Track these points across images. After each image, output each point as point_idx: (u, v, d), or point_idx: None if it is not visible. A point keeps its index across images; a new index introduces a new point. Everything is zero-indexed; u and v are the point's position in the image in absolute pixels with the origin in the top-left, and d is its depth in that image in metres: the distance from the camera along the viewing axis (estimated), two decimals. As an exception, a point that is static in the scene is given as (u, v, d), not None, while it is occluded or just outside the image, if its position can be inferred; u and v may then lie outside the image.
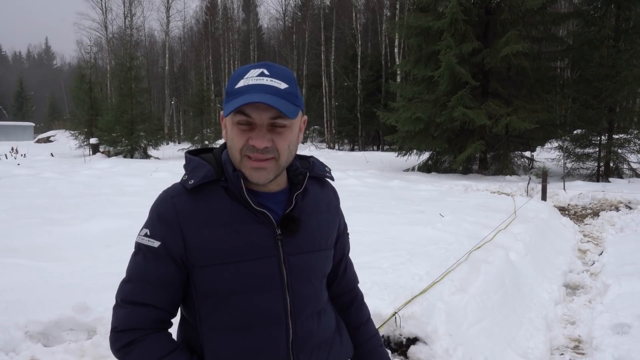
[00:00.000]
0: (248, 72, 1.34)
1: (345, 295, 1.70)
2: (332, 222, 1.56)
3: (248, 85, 1.31)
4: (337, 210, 1.61)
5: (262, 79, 1.32)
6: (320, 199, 1.53)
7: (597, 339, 4.23)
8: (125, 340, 1.35)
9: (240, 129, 1.33)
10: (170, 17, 50.35)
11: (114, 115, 26.43)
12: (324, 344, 1.48)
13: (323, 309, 1.51)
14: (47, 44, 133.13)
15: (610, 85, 16.21)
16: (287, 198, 1.44)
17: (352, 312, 1.70)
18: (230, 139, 1.36)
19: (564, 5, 24.45)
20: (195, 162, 1.42)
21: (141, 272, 1.37)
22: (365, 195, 11.21)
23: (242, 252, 1.34)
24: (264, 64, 1.37)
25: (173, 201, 1.37)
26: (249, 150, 1.32)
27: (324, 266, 1.52)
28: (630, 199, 11.83)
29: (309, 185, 1.50)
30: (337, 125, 41.17)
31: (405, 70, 24.99)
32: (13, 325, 3.40)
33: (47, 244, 5.77)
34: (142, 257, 1.38)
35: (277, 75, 1.34)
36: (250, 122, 1.31)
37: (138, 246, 1.39)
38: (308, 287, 1.44)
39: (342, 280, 1.69)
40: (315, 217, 1.48)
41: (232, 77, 1.37)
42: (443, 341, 3.62)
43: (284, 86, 1.33)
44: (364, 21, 45.40)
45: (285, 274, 1.38)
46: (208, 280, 1.35)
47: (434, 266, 4.80)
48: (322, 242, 1.49)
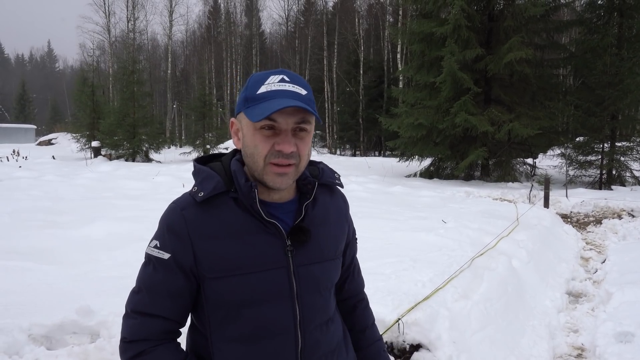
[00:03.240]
0: (268, 78, 1.35)
1: (352, 298, 1.71)
2: (341, 231, 1.56)
3: (272, 91, 1.32)
4: (346, 217, 1.60)
5: (285, 85, 1.33)
6: (330, 208, 1.53)
7: (600, 347, 4.21)
8: (134, 351, 1.36)
9: (264, 135, 1.33)
10: (173, 21, 50.44)
11: (116, 118, 26.47)
12: (331, 354, 1.48)
13: (331, 319, 1.51)
14: (49, 46, 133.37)
15: (613, 93, 16.20)
16: (297, 208, 1.44)
17: (358, 314, 1.71)
18: (253, 145, 1.34)
19: (566, 12, 24.45)
20: (204, 173, 1.40)
21: (151, 283, 1.38)
22: (367, 201, 11.19)
23: (252, 263, 1.34)
24: (282, 71, 1.37)
25: (183, 213, 1.36)
26: (275, 156, 1.32)
27: (332, 276, 1.51)
28: (633, 207, 11.81)
29: (318, 194, 1.49)
30: (339, 131, 41.22)
31: (408, 76, 24.97)
32: (16, 328, 3.39)
33: (49, 246, 5.77)
34: (152, 268, 1.38)
35: (297, 82, 1.36)
36: (275, 127, 1.32)
37: (148, 257, 1.40)
38: (317, 297, 1.44)
39: (351, 284, 1.69)
40: (324, 227, 1.48)
41: (250, 83, 1.37)
42: (446, 348, 3.61)
43: (305, 92, 1.35)
44: (367, 27, 45.45)
45: (295, 285, 1.38)
46: (218, 291, 1.35)
47: (437, 273, 4.78)
48: (331, 252, 1.49)
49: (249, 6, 56.50)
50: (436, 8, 19.34)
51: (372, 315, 1.77)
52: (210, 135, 30.51)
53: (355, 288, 1.71)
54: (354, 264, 1.70)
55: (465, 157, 17.86)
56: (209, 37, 55.66)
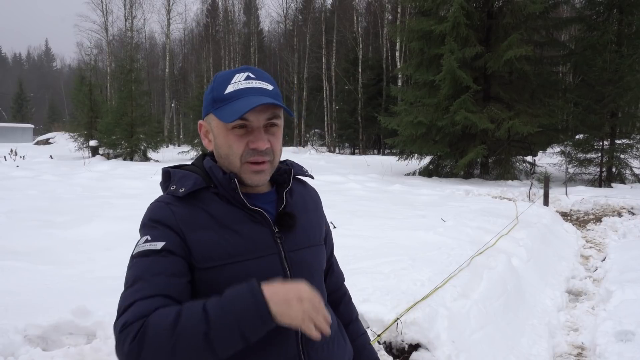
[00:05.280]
0: (234, 77, 1.36)
1: (334, 293, 1.71)
2: (320, 218, 1.60)
3: (239, 90, 1.33)
4: (321, 208, 1.65)
5: (251, 82, 1.35)
6: (306, 197, 1.57)
7: (601, 346, 4.19)
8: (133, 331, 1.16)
9: (237, 134, 1.34)
10: (171, 19, 50.36)
11: (114, 117, 26.44)
12: (331, 340, 1.48)
13: (326, 304, 1.52)
14: (47, 45, 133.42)
15: (613, 90, 16.18)
16: (277, 197, 1.46)
17: (341, 309, 1.71)
18: (227, 146, 1.35)
19: (566, 10, 24.42)
20: (180, 173, 1.41)
21: (147, 270, 1.25)
22: (366, 200, 11.17)
23: (244, 251, 1.34)
24: (246, 68, 1.39)
25: (169, 207, 1.34)
26: (250, 154, 1.33)
27: (322, 261, 1.54)
28: (633, 205, 11.78)
29: (293, 185, 1.52)
30: (338, 129, 41.18)
31: (407, 75, 24.96)
32: (12, 329, 3.36)
33: (46, 246, 5.74)
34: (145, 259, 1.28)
35: (262, 77, 1.37)
36: (247, 125, 1.32)
37: (140, 254, 1.29)
38: (311, 282, 1.39)
39: (332, 277, 1.71)
40: (305, 214, 1.51)
41: (215, 83, 1.38)
42: (445, 347, 3.59)
43: (271, 87, 1.37)
44: (365, 24, 45.43)
45: (288, 271, 1.39)
46: (211, 282, 1.31)
47: (436, 271, 4.75)
48: (316, 238, 1.52)
49: (247, 4, 56.41)
50: (435, 6, 19.30)
51: (355, 309, 1.78)
52: (209, 133, 30.43)
53: (337, 282, 1.74)
54: (332, 256, 1.73)
55: (465, 155, 17.85)
56: (207, 36, 55.58)
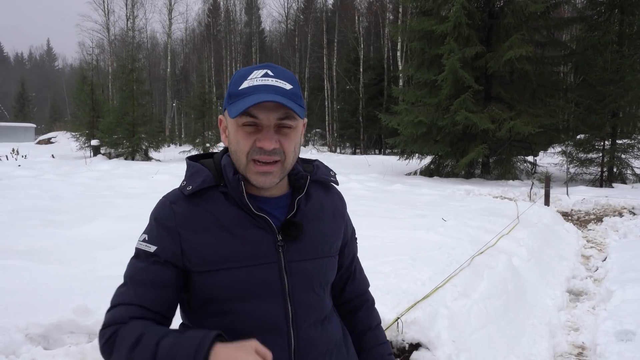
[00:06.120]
0: (251, 73, 1.32)
1: (355, 299, 1.65)
2: (337, 228, 1.52)
3: (253, 86, 1.29)
4: (342, 216, 1.56)
5: (267, 80, 1.30)
6: (324, 205, 1.49)
7: (601, 346, 4.18)
8: (107, 334, 1.27)
9: (246, 132, 1.31)
10: (172, 19, 50.44)
11: (115, 117, 26.44)
12: (328, 354, 1.44)
13: (326, 318, 1.46)
14: (49, 45, 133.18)
15: (614, 90, 16.18)
16: (289, 203, 1.41)
17: (360, 315, 1.65)
18: (236, 142, 1.33)
19: (567, 9, 24.41)
20: (193, 168, 1.40)
21: (136, 275, 1.33)
22: (367, 199, 11.17)
23: (242, 257, 1.31)
24: (266, 65, 1.35)
25: (172, 207, 1.35)
26: (256, 152, 1.30)
27: (327, 274, 1.47)
28: (634, 205, 11.77)
29: (313, 190, 1.47)
30: (339, 129, 41.18)
31: (408, 75, 24.95)
32: (13, 328, 3.36)
33: (47, 246, 5.74)
34: (138, 261, 1.35)
35: (281, 76, 1.33)
36: (257, 123, 1.29)
37: (137, 252, 1.36)
38: (310, 295, 1.40)
39: (352, 284, 1.64)
40: (317, 224, 1.44)
41: (233, 79, 1.35)
42: (446, 347, 3.59)
43: (289, 87, 1.31)
44: (367, 24, 45.45)
45: (286, 281, 1.35)
46: (207, 286, 1.31)
47: (436, 271, 4.75)
48: (325, 249, 1.45)
49: (248, 4, 56.46)
50: (436, 6, 19.33)
51: (377, 317, 1.70)
52: (210, 133, 30.47)
53: (358, 289, 1.66)
54: (354, 264, 1.65)
55: (466, 154, 17.85)
56: (209, 35, 55.61)
